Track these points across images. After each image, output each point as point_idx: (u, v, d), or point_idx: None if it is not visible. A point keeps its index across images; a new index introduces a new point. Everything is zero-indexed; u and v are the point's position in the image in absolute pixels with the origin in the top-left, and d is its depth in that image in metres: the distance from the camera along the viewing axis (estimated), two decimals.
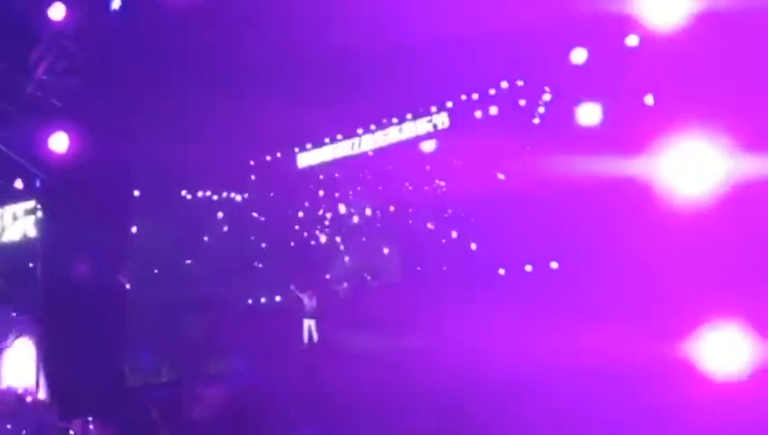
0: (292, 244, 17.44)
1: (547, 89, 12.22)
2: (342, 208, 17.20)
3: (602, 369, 6.59)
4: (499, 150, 11.73)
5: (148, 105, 10.87)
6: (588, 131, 11.38)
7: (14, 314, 10.28)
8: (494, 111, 12.41)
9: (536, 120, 12.26)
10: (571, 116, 11.70)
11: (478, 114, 12.66)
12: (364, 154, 14.70)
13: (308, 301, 13.03)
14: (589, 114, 11.53)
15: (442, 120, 13.24)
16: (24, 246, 12.35)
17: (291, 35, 11.25)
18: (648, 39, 8.19)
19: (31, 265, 10.48)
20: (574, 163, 9.66)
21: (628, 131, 9.21)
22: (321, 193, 17.21)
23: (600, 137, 10.85)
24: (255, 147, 15.72)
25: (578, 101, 11.60)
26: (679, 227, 6.01)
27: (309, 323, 12.91)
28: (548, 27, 9.82)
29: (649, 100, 10.11)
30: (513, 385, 7.11)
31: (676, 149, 6.14)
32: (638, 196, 7.02)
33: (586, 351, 6.84)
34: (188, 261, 16.41)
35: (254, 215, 17.66)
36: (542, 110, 12.25)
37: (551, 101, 12.17)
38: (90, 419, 7.72)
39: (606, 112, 11.32)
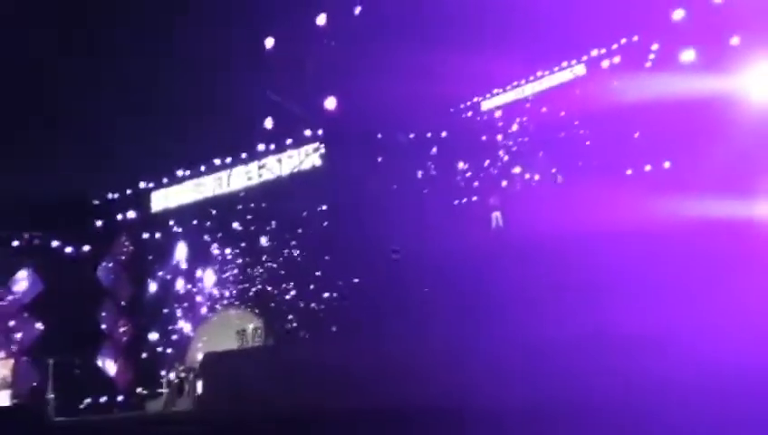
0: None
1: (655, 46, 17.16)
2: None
3: None
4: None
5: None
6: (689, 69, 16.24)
7: None
8: (617, 60, 17.47)
9: (648, 64, 17.17)
10: (675, 58, 16.58)
11: (605, 64, 17.69)
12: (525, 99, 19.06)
13: None
14: (687, 56, 16.44)
15: (580, 69, 18.27)
16: None
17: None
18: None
19: None
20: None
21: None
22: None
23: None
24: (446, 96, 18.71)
25: (679, 48, 16.49)
26: None
27: None
28: None
29: (735, 41, 15.16)
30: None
31: None
32: None
33: None
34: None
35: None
36: (652, 56, 17.13)
37: (658, 49, 17.06)
38: None
39: (699, 54, 16.17)
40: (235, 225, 23.49)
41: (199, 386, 20.99)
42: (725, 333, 8.40)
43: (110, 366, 25.24)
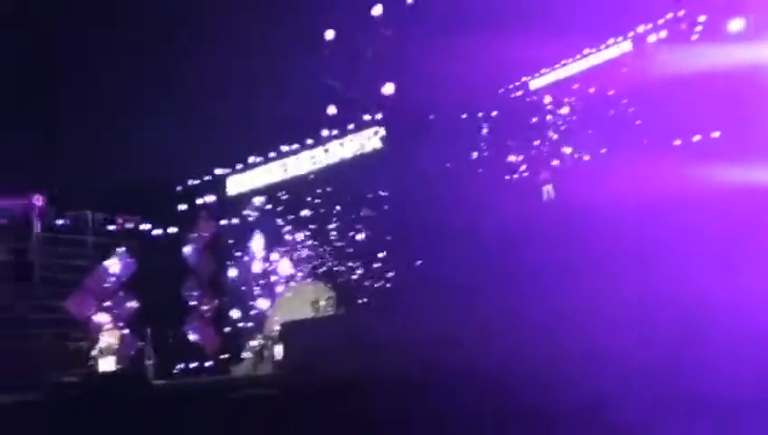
0: None
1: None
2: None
3: None
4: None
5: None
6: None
7: None
8: (663, 34, 17.82)
9: (695, 37, 17.45)
10: (723, 29, 16.83)
11: (652, 39, 18.07)
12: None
13: None
14: (735, 25, 16.67)
15: (627, 46, 18.69)
16: None
17: None
18: None
19: None
20: None
21: None
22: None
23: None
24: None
25: (727, 18, 16.72)
26: None
27: None
28: None
29: None
30: None
31: None
32: None
33: None
34: None
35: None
36: (699, 28, 17.40)
37: (705, 20, 17.31)
38: None
39: (748, 22, 16.37)
40: (304, 208, 25.30)
41: (278, 352, 23.19)
42: None
43: (198, 336, 27.96)
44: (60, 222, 25.57)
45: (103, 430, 10.19)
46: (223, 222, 28.53)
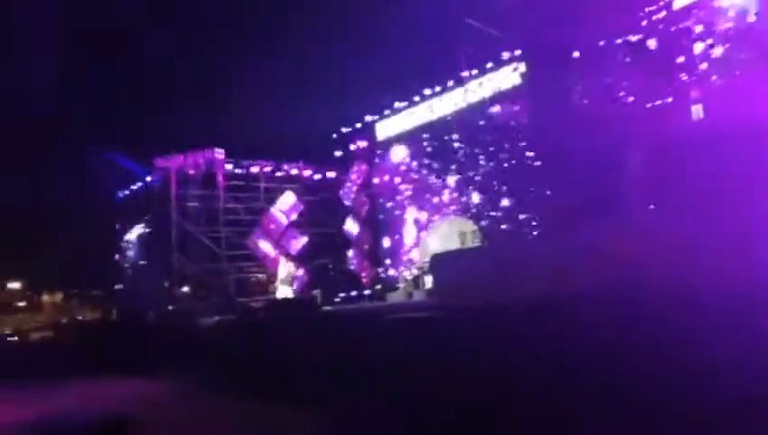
0: None
1: None
2: None
3: None
4: None
5: None
6: None
7: None
8: None
9: None
10: None
11: None
12: None
13: None
14: None
15: None
16: None
17: None
18: None
19: None
20: None
21: None
22: None
23: None
24: None
25: None
26: None
27: None
28: None
29: None
30: None
31: None
32: None
33: None
34: None
35: None
36: None
37: None
38: None
39: None
40: (449, 148, 26.62)
41: (429, 281, 25.26)
42: None
43: (356, 267, 31.05)
44: (237, 171, 29.28)
45: (282, 343, 12.51)
46: (374, 163, 30.87)
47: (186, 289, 29.45)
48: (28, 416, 8.54)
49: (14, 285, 52.56)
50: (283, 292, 28.64)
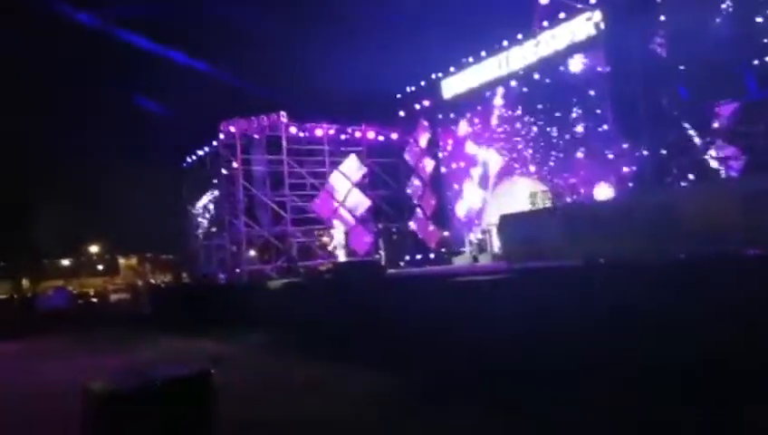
0: None
1: None
2: None
3: None
4: None
5: None
6: None
7: None
8: None
9: None
10: None
11: None
12: None
13: None
14: None
15: None
16: None
17: None
18: None
19: None
20: None
21: None
22: None
23: None
24: None
25: None
26: None
27: None
28: None
29: None
30: None
31: None
32: None
33: None
34: None
35: None
36: None
37: None
38: None
39: None
40: (519, 104, 25.49)
41: (495, 244, 24.57)
42: None
43: (421, 230, 30.63)
44: (301, 135, 29.18)
45: (348, 305, 12.47)
46: (439, 119, 30.03)
47: (252, 253, 29.96)
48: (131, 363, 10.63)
49: (94, 249, 55.47)
50: (346, 254, 28.68)
